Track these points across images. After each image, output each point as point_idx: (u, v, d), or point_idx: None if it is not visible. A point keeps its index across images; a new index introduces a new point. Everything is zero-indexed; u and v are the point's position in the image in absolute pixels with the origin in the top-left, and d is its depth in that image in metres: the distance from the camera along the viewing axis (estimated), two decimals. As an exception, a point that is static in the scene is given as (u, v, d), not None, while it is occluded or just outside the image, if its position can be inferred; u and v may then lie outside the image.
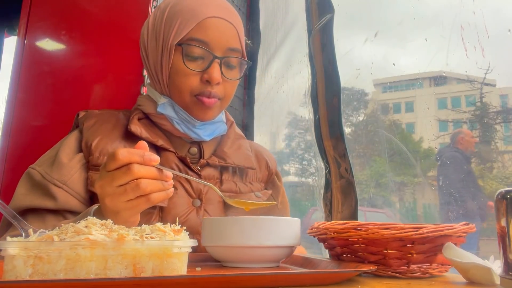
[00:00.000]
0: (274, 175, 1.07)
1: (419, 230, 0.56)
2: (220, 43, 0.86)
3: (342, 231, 0.61)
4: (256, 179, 0.99)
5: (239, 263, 0.63)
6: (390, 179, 1.58)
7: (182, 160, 0.88)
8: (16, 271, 0.41)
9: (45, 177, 0.77)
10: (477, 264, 0.53)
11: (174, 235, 0.49)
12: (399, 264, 0.59)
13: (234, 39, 0.89)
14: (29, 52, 1.48)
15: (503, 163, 1.52)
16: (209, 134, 0.92)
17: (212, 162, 0.90)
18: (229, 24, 0.88)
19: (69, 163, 0.80)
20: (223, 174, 0.92)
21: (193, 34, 0.85)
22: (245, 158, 0.97)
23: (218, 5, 0.89)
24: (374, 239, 0.58)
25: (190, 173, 0.87)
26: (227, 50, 0.87)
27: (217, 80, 0.85)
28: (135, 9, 1.45)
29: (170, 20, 0.87)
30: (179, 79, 0.86)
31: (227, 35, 0.87)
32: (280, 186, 1.07)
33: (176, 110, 0.89)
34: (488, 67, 1.25)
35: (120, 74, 1.43)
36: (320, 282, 0.50)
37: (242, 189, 0.93)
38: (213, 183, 0.89)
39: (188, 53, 0.85)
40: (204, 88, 0.85)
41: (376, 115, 1.79)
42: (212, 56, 0.85)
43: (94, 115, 0.89)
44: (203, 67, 0.86)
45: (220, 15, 0.87)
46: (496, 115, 1.52)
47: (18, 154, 1.42)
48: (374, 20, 1.49)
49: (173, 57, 0.86)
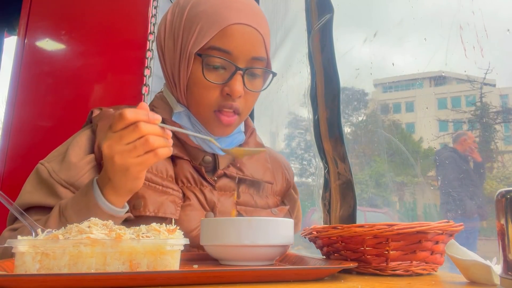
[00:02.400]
0: (292, 188, 1.03)
1: (391, 227, 0.58)
2: (243, 52, 0.79)
3: (323, 230, 0.65)
4: (272, 192, 0.95)
5: (235, 261, 0.65)
6: (390, 179, 1.58)
7: (197, 170, 0.85)
8: (25, 266, 0.47)
9: (52, 176, 0.75)
10: (477, 262, 0.53)
11: (168, 234, 0.53)
12: (378, 262, 0.61)
13: (259, 47, 0.81)
14: (29, 52, 1.49)
15: (503, 163, 1.52)
16: (224, 147, 0.87)
17: (230, 173, 0.87)
18: (254, 31, 0.80)
19: (78, 163, 0.77)
20: (240, 186, 0.89)
21: (215, 43, 0.78)
22: (264, 172, 0.93)
23: (244, 9, 0.80)
24: (350, 236, 0.61)
25: (204, 183, 0.84)
26: (251, 60, 0.80)
27: (239, 94, 0.79)
28: (135, 9, 1.46)
29: (190, 24, 0.80)
30: (197, 90, 0.80)
31: (251, 43, 0.79)
32: (297, 199, 1.04)
33: (192, 121, 0.85)
34: (488, 67, 1.25)
35: (120, 74, 1.44)
36: (303, 278, 0.53)
37: (258, 203, 0.89)
38: (229, 195, 0.86)
39: (208, 64, 0.79)
40: (225, 101, 0.80)
41: (376, 115, 1.79)
42: (235, 68, 0.79)
43: (109, 115, 0.85)
44: (224, 78, 0.79)
45: (245, 21, 0.79)
46: (496, 115, 1.52)
47: (18, 154, 1.42)
48: (374, 20, 1.49)
49: (192, 66, 0.80)
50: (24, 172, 0.84)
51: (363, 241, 0.61)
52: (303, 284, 0.50)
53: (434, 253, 0.62)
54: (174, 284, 0.47)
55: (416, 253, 0.60)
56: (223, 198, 0.85)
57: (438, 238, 0.61)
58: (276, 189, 0.96)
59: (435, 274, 0.64)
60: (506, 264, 0.49)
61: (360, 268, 0.62)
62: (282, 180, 0.98)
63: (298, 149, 2.15)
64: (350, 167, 1.26)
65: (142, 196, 0.76)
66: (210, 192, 0.84)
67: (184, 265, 0.60)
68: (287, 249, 0.69)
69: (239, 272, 0.51)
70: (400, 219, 1.69)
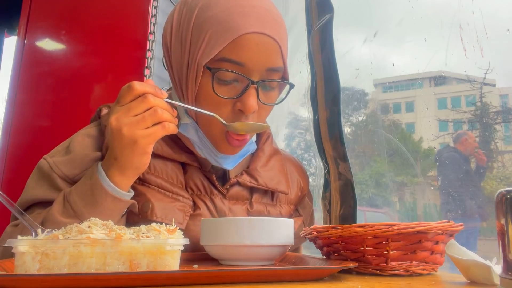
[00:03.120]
0: (306, 196, 0.99)
1: (391, 227, 0.58)
2: (258, 64, 0.71)
3: (323, 230, 0.65)
4: (286, 201, 0.91)
5: (235, 261, 0.65)
6: (390, 179, 1.58)
7: (207, 178, 0.81)
8: (25, 266, 0.47)
9: (52, 168, 0.74)
10: (477, 262, 0.53)
11: (168, 234, 0.53)
12: (378, 262, 0.61)
13: (276, 58, 0.73)
14: (29, 52, 1.49)
15: (503, 163, 1.52)
16: (232, 162, 0.82)
17: (243, 181, 0.82)
18: (271, 40, 0.71)
19: (83, 158, 0.75)
20: (253, 195, 0.85)
21: (226, 54, 0.70)
22: (278, 181, 0.87)
23: (260, 15, 0.71)
24: (350, 236, 0.61)
25: (215, 191, 0.81)
26: (266, 71, 0.73)
27: (253, 109, 0.72)
28: (135, 9, 1.46)
29: (199, 30, 0.72)
30: (207, 106, 0.73)
31: (267, 54, 0.71)
32: (311, 206, 1.00)
33: (200, 135, 0.79)
34: (488, 67, 1.25)
35: (120, 74, 1.44)
36: (303, 278, 0.53)
37: (271, 213, 0.86)
38: (241, 204, 0.82)
39: (219, 77, 0.71)
40: (237, 119, 0.73)
41: (376, 115, 1.79)
42: (248, 81, 0.71)
43: None
44: (236, 93, 0.72)
45: (260, 29, 0.70)
46: (496, 115, 1.52)
47: (18, 154, 1.43)
48: (374, 20, 1.49)
49: (201, 79, 0.73)
50: (24, 171, 0.84)
51: (363, 241, 0.61)
52: (303, 284, 0.50)
53: (434, 253, 0.62)
54: (174, 284, 0.47)
55: (416, 253, 0.60)
56: (234, 208, 0.81)
57: (438, 238, 0.61)
58: (290, 198, 0.91)
59: (435, 274, 0.64)
60: (506, 264, 0.49)
61: (360, 268, 0.62)
62: (296, 189, 0.93)
63: (298, 149, 2.15)
64: (350, 167, 1.26)
65: (150, 200, 0.74)
66: (220, 201, 0.80)
67: (184, 265, 0.60)
68: (287, 249, 0.69)
69: (239, 272, 0.52)
70: (400, 219, 1.69)
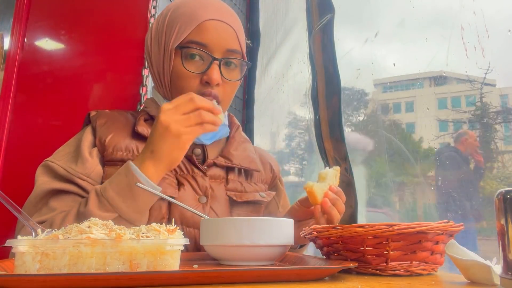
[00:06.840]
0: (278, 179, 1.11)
1: (391, 227, 0.58)
2: (218, 44, 0.88)
3: (323, 230, 0.65)
4: (260, 180, 1.03)
5: (235, 261, 0.65)
6: (390, 179, 1.58)
7: (189, 159, 0.92)
8: (25, 266, 0.47)
9: (69, 171, 0.81)
10: (477, 262, 0.53)
11: (168, 234, 0.53)
12: (378, 262, 0.61)
13: (233, 41, 0.91)
14: (28, 52, 1.49)
15: (503, 163, 1.52)
16: (210, 138, 0.95)
17: (219, 162, 0.95)
18: (227, 26, 0.90)
19: (91, 157, 0.85)
20: (229, 174, 0.96)
21: (192, 37, 0.88)
22: (251, 161, 1.01)
23: (217, 8, 0.91)
24: (351, 237, 0.61)
25: (196, 171, 0.92)
26: (226, 52, 0.90)
27: (216, 81, 0.88)
28: (135, 9, 1.46)
29: (171, 25, 0.90)
30: (179, 82, 0.89)
31: (225, 36, 0.89)
32: (282, 189, 1.12)
33: None
34: (488, 67, 1.25)
35: (120, 74, 1.43)
36: (303, 278, 0.53)
37: (247, 189, 0.97)
38: (219, 182, 0.94)
39: (187, 56, 0.88)
40: (204, 89, 0.88)
41: (376, 115, 1.79)
42: (211, 58, 0.88)
43: (105, 114, 0.94)
44: (202, 69, 0.88)
45: (218, 17, 0.89)
46: (496, 115, 1.52)
47: (17, 154, 1.42)
48: (374, 20, 1.49)
49: (174, 60, 0.89)
50: (22, 171, 0.84)
51: (363, 241, 0.61)
52: (303, 284, 0.50)
53: (434, 253, 0.62)
54: (174, 284, 0.47)
55: (416, 253, 0.60)
56: (214, 185, 0.92)
57: (438, 238, 0.61)
58: (263, 178, 1.04)
59: (435, 274, 0.63)
60: (506, 264, 0.49)
61: (360, 268, 0.62)
62: (268, 170, 1.07)
63: (298, 149, 2.15)
64: (351, 167, 1.26)
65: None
66: (202, 178, 0.91)
67: (184, 265, 0.60)
68: (287, 249, 0.69)
69: (239, 272, 0.52)
70: (400, 219, 1.68)
